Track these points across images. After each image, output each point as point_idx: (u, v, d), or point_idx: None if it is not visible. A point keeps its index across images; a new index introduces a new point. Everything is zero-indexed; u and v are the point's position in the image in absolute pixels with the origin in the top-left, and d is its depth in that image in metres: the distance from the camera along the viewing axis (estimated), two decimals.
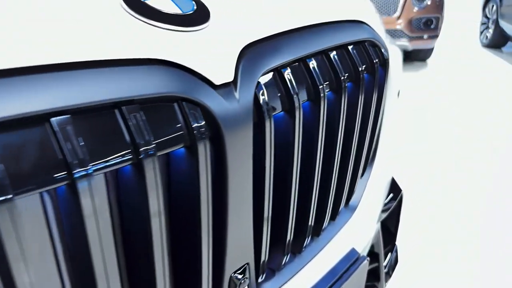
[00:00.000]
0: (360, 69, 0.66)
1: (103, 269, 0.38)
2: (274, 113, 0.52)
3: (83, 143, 0.34)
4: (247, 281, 0.55)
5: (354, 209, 0.83)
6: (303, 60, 0.57)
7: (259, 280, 0.60)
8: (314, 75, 0.57)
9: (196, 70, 0.43)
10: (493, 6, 6.08)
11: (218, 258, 0.51)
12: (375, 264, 1.02)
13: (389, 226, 1.20)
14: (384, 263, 1.09)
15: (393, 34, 4.59)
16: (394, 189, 1.07)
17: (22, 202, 0.32)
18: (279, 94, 0.53)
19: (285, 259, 0.64)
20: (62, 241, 0.37)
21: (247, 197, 0.51)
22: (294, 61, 0.56)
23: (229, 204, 0.48)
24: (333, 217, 0.77)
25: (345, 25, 0.66)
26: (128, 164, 0.38)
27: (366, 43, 0.70)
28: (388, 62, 0.75)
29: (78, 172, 0.34)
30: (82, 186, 0.35)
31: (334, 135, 0.65)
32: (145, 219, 0.40)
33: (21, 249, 0.32)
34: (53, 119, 0.33)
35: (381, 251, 1.00)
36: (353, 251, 0.82)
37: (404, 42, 4.66)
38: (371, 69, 0.70)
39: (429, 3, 4.61)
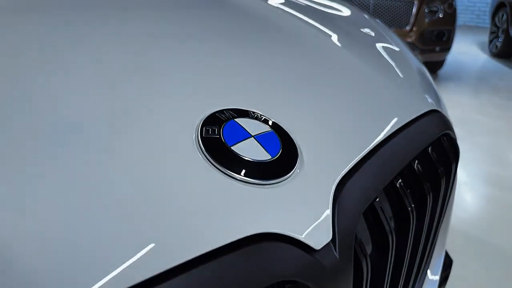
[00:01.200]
0: (439, 172, 0.58)
1: None
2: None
3: None
4: None
5: None
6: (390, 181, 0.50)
7: None
8: (404, 196, 0.50)
9: (294, 236, 0.36)
10: (503, 15, 6.00)
11: None
12: None
13: None
14: None
15: None
16: (446, 259, 1.00)
17: None
18: (369, 233, 0.46)
19: None
20: None
21: None
22: None
23: None
24: None
25: (423, 121, 0.58)
26: None
27: (443, 137, 0.62)
28: (459, 153, 0.67)
29: None
30: None
31: (416, 246, 0.58)
32: None
33: None
34: None
35: None
36: None
37: (416, 55, 4.58)
38: (448, 169, 0.61)
39: (441, 15, 4.52)
